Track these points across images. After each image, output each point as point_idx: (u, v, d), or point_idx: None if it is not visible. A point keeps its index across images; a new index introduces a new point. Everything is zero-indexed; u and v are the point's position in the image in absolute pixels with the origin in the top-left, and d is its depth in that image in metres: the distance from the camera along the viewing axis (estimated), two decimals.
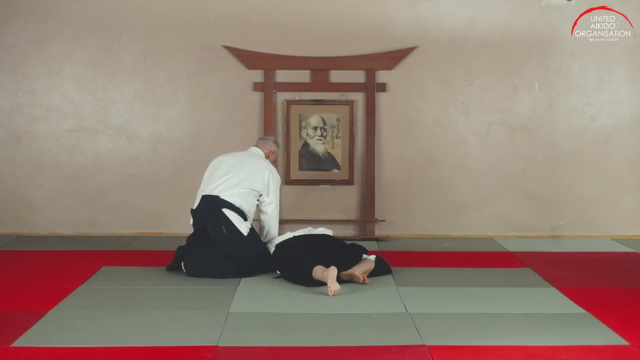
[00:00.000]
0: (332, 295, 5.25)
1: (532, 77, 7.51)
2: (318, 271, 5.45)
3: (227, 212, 5.87)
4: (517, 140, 7.55)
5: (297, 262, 5.65)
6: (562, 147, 7.57)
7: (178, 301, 5.16)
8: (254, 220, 6.16)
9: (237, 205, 5.91)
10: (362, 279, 5.57)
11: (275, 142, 6.48)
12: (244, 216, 5.93)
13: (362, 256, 5.88)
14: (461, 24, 7.47)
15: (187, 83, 7.48)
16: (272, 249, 5.97)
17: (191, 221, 6.03)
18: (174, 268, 5.94)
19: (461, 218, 7.60)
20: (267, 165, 6.14)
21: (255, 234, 6.04)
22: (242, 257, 5.83)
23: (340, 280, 5.51)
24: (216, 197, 5.91)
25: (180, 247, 6.03)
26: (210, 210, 5.89)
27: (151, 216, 7.54)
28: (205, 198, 5.96)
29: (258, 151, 6.31)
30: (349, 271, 5.63)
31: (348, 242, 6.16)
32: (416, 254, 6.75)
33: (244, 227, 5.88)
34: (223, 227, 5.83)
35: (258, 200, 6.07)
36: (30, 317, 4.70)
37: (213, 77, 7.47)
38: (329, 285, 5.29)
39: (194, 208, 6.01)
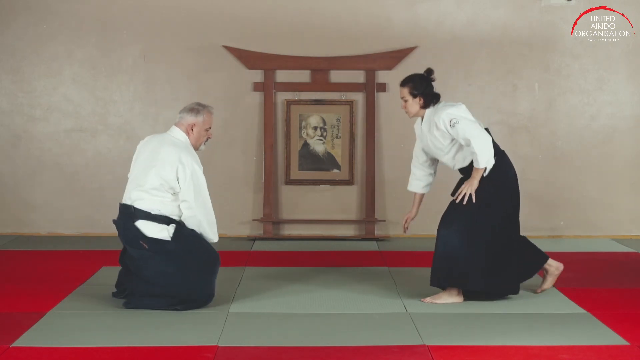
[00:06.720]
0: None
1: (532, 77, 7.51)
2: None
3: (142, 224, 4.86)
4: (517, 140, 7.54)
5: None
6: (562, 147, 7.56)
7: None
8: None
9: (154, 212, 4.85)
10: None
11: (194, 109, 5.05)
12: (165, 221, 4.87)
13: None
14: (461, 24, 7.47)
15: (187, 83, 7.48)
16: None
17: None
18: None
19: None
20: (180, 155, 4.88)
21: (183, 233, 4.89)
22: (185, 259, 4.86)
23: None
24: (129, 208, 4.91)
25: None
26: (125, 227, 4.92)
27: None
28: (120, 208, 5.01)
29: (176, 132, 5.04)
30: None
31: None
32: (416, 254, 6.74)
33: (165, 233, 4.86)
34: (142, 242, 4.86)
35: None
36: (30, 317, 4.69)
37: (213, 77, 7.46)
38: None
39: (115, 219, 5.08)
